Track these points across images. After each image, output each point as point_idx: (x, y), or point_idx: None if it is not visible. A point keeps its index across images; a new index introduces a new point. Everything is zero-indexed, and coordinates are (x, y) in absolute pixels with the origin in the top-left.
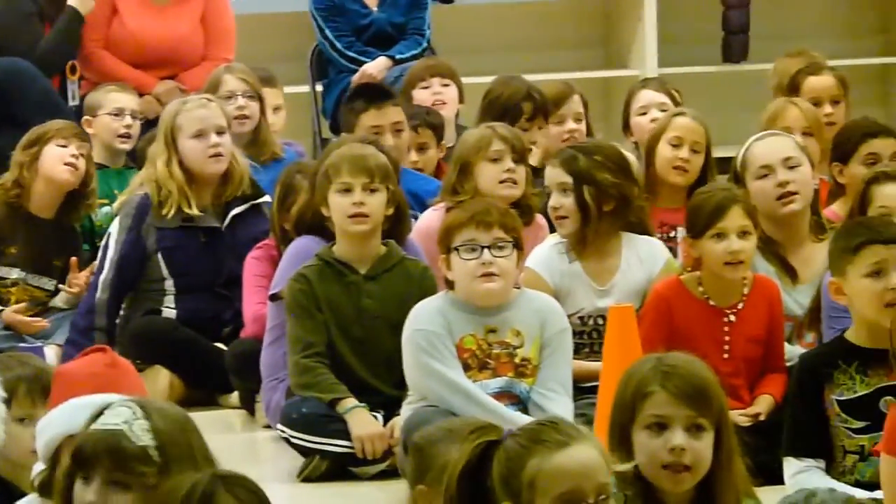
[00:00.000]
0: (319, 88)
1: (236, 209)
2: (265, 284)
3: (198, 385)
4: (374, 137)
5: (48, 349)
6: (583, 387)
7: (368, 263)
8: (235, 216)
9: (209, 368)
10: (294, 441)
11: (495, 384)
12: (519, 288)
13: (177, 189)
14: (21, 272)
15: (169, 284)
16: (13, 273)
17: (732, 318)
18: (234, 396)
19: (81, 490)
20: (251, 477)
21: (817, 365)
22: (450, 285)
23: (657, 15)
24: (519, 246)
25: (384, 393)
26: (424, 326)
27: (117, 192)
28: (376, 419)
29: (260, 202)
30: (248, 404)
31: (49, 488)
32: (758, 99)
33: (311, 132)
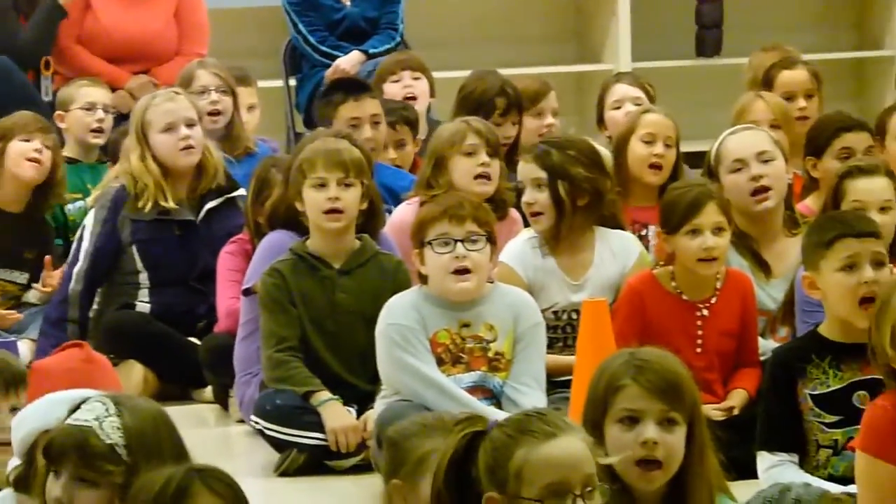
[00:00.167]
0: (293, 83)
1: (211, 202)
2: (239, 279)
3: (171, 379)
4: (350, 130)
5: (21, 344)
6: (556, 381)
7: (342, 258)
8: (210, 209)
9: (183, 363)
10: (268, 433)
11: (469, 378)
12: (492, 282)
13: (153, 182)
14: None
15: (143, 278)
16: None
17: (705, 313)
18: (208, 391)
19: (51, 484)
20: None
21: (790, 359)
22: (423, 280)
23: (630, 9)
24: (492, 240)
25: (357, 387)
26: (398, 321)
27: (90, 187)
28: (350, 413)
29: (235, 196)
30: (222, 399)
31: (24, 483)
32: (731, 93)
33: (285, 127)
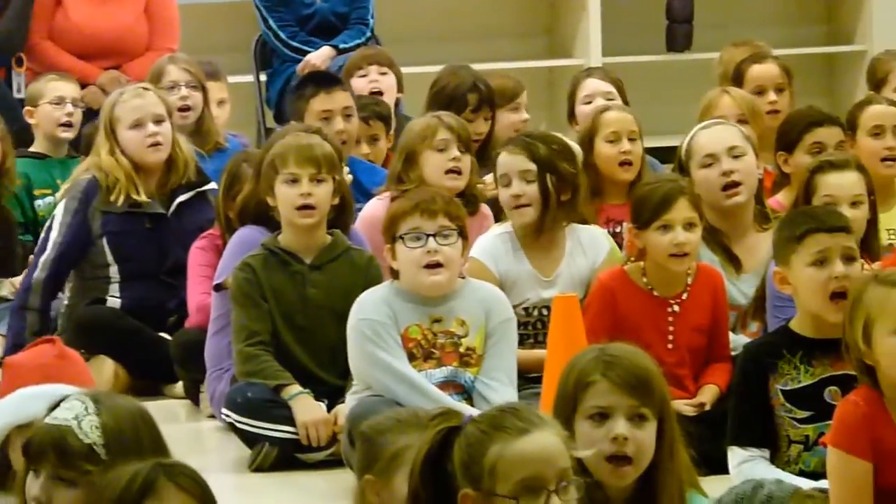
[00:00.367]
0: (263, 78)
1: (182, 196)
2: (210, 274)
3: (142, 375)
4: (322, 124)
5: None
6: (527, 377)
7: (314, 253)
8: (181, 203)
9: (154, 358)
10: (239, 426)
11: (440, 374)
12: (464, 278)
13: (124, 176)
14: None
15: (113, 271)
16: None
17: (676, 308)
18: (179, 386)
19: (30, 482)
20: (196, 467)
21: (762, 354)
22: (394, 275)
23: (601, 4)
24: (464, 235)
25: (328, 382)
26: (370, 316)
27: (60, 182)
28: (321, 406)
29: (205, 190)
30: (193, 394)
31: None
32: (702, 88)
33: (256, 122)
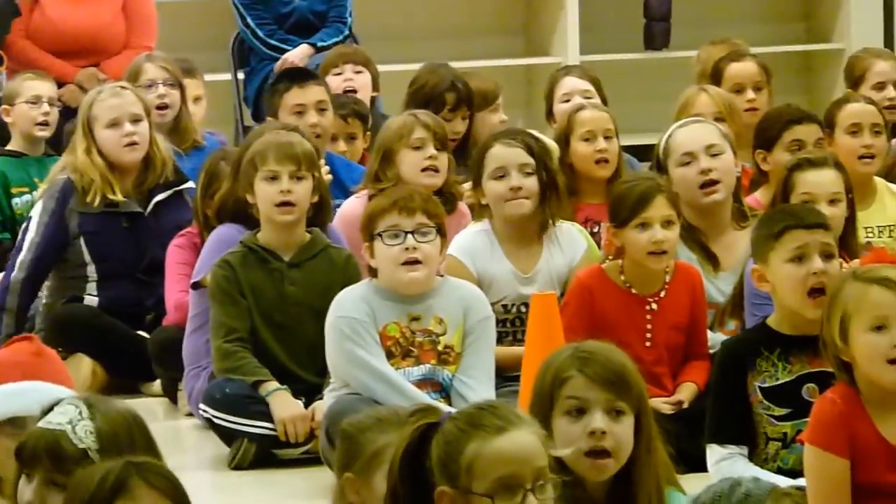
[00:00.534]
0: (241, 76)
1: (159, 196)
2: (188, 272)
3: (120, 373)
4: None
5: None
6: (506, 375)
7: (293, 251)
8: (158, 202)
9: (131, 356)
10: (216, 422)
11: (418, 371)
12: (442, 276)
13: (99, 176)
14: None
15: (91, 270)
16: None
17: (654, 306)
18: (157, 384)
19: (23, 486)
20: (173, 465)
21: (740, 352)
22: (373, 273)
23: (579, 2)
24: (442, 232)
25: (306, 380)
26: (348, 313)
27: (37, 181)
28: (298, 403)
29: (183, 189)
30: (171, 392)
31: None
32: (679, 86)
33: (233, 120)
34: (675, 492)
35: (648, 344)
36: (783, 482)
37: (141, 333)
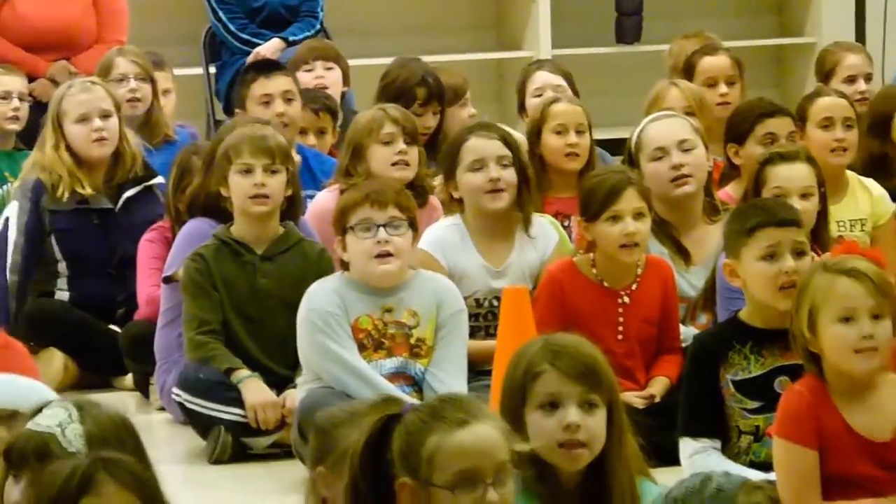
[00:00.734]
0: (213, 70)
1: (129, 191)
2: (159, 266)
3: (92, 367)
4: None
5: None
6: (478, 370)
7: (266, 244)
8: (129, 198)
9: (103, 351)
10: (189, 406)
11: (390, 364)
12: (415, 269)
13: (66, 172)
14: None
15: (62, 267)
16: None
17: (626, 300)
18: (128, 379)
19: (10, 488)
20: None
21: (712, 345)
22: (345, 267)
23: None
24: (414, 226)
25: (277, 373)
26: (320, 306)
27: (8, 175)
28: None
29: (152, 184)
30: (143, 387)
31: None
32: (651, 80)
33: (205, 114)
34: (647, 482)
35: (620, 337)
36: (755, 476)
37: (112, 328)
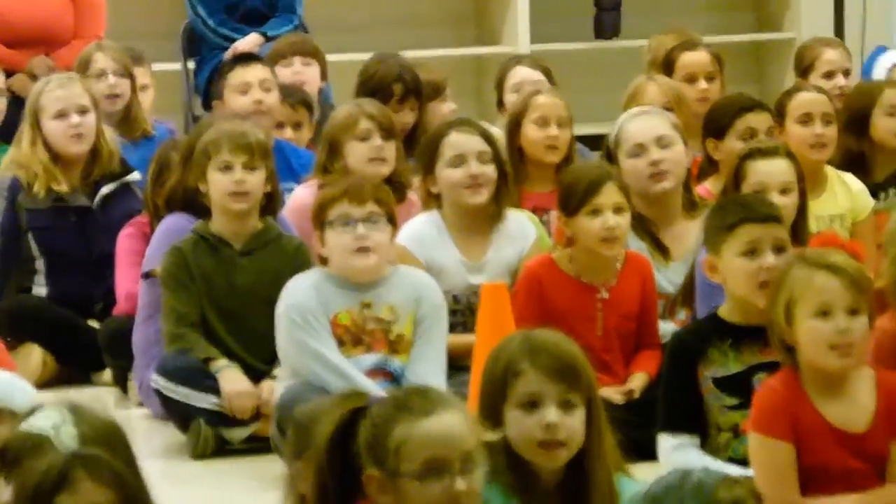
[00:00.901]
0: (192, 65)
1: (106, 188)
2: (138, 261)
3: (70, 363)
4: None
5: None
6: (457, 366)
7: (244, 239)
8: (106, 195)
9: (81, 346)
10: (166, 393)
11: (369, 360)
12: (394, 265)
13: (42, 169)
14: None
15: (40, 264)
16: None
17: (605, 295)
18: (107, 374)
19: (2, 489)
20: None
21: (691, 341)
22: (323, 262)
23: None
24: (393, 221)
25: (255, 368)
26: (298, 302)
27: None
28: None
29: (129, 180)
30: (121, 382)
31: None
32: (630, 75)
33: (184, 110)
34: (625, 478)
35: (599, 333)
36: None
37: (91, 323)
